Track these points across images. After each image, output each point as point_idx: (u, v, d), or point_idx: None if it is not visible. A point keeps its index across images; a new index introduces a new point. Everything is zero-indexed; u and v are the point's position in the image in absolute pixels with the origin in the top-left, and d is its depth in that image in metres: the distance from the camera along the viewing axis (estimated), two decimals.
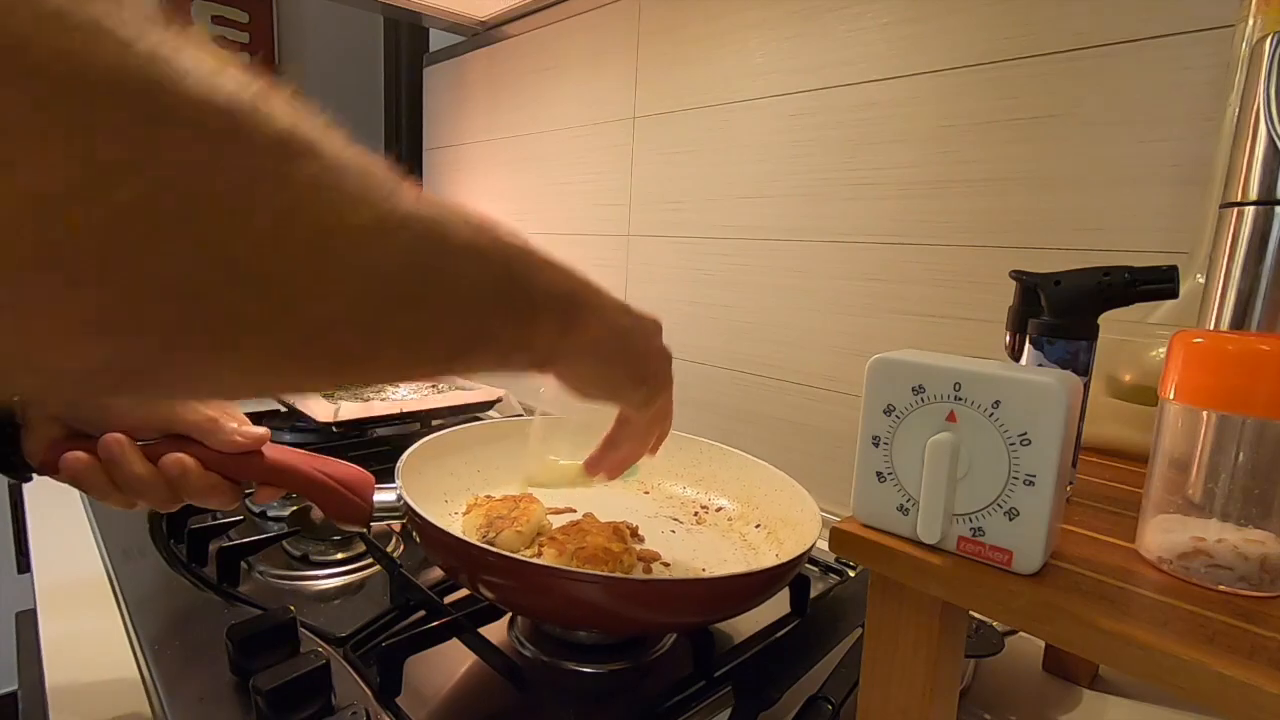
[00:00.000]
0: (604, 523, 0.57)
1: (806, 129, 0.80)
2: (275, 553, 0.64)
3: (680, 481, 0.71)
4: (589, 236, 1.10)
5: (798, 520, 0.57)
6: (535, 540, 0.55)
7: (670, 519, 0.66)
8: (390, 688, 0.44)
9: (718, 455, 0.69)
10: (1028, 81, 0.63)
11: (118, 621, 0.54)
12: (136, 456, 0.39)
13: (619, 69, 1.02)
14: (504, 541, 0.54)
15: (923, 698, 0.32)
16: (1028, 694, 0.51)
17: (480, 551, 0.45)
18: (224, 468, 0.42)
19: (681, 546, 0.60)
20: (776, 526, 0.61)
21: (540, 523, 0.58)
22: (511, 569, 0.44)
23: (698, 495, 0.69)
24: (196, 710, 0.43)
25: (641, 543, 0.60)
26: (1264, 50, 0.33)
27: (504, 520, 0.55)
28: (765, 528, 0.62)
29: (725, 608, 0.49)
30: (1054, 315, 0.38)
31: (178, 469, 0.40)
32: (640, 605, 0.45)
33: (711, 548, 0.61)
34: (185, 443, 0.41)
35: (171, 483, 0.40)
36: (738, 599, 0.48)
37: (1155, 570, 0.30)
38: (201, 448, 0.41)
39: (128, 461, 0.39)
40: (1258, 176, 0.34)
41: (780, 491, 0.62)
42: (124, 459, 0.39)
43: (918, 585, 0.31)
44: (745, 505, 0.66)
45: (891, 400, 0.32)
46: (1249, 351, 0.28)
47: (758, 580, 0.47)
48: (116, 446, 0.39)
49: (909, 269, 0.72)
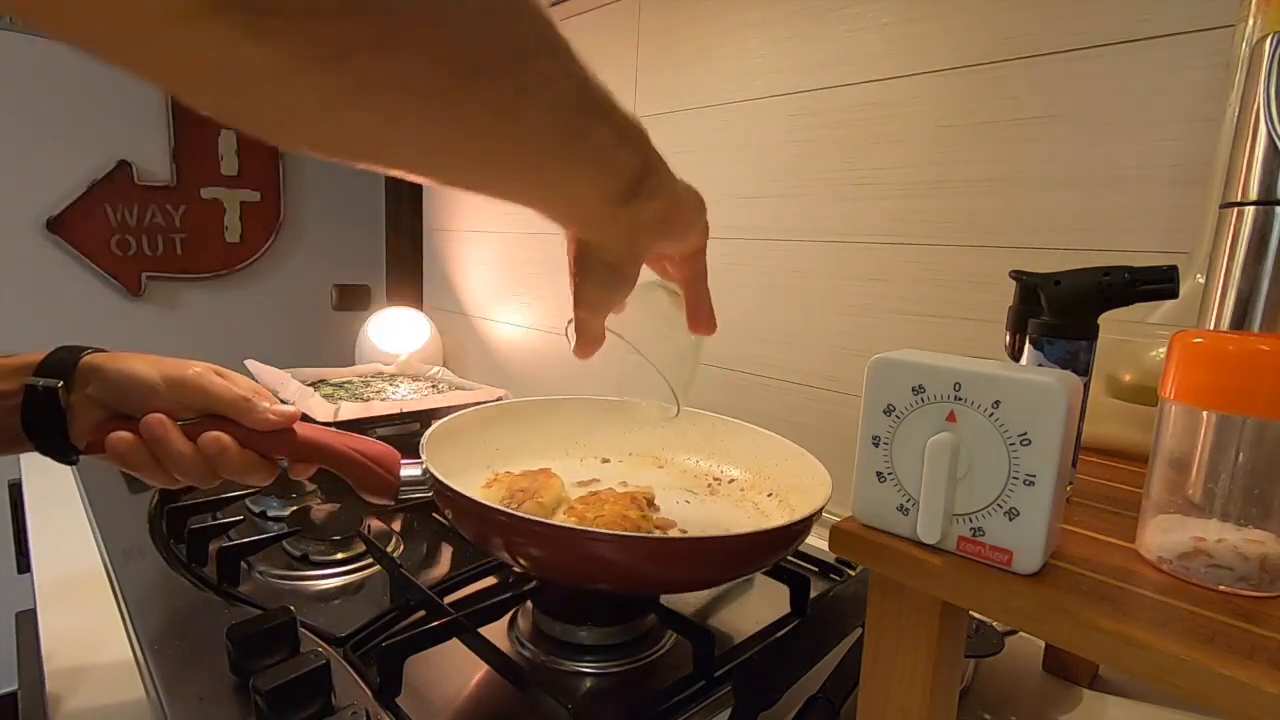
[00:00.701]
0: (621, 493, 0.58)
1: (806, 129, 0.80)
2: (275, 553, 0.64)
3: (694, 455, 0.72)
4: None
5: (808, 487, 0.58)
6: (556, 512, 0.56)
7: (685, 490, 0.67)
8: (390, 688, 0.44)
9: (729, 428, 0.70)
10: (1027, 81, 0.63)
11: (118, 622, 0.54)
12: (178, 435, 0.41)
13: (619, 69, 1.02)
14: (526, 511, 0.54)
15: (923, 698, 0.32)
16: (1028, 694, 0.51)
17: (506, 516, 0.45)
18: (259, 445, 0.44)
19: (696, 515, 0.61)
20: (788, 494, 0.62)
21: (560, 495, 0.58)
22: (537, 531, 0.45)
23: (710, 467, 0.70)
24: (196, 710, 0.43)
25: (658, 512, 0.60)
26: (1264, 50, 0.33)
27: (524, 493, 0.56)
28: (777, 495, 0.63)
29: (739, 565, 0.50)
30: (1054, 315, 0.38)
31: (216, 446, 0.42)
32: (659, 563, 0.46)
33: (726, 515, 0.62)
34: (222, 422, 0.43)
35: (211, 460, 0.42)
36: (749, 557, 0.49)
37: (1155, 570, 0.30)
38: (237, 426, 0.43)
39: (170, 440, 0.41)
40: (1258, 176, 0.34)
41: (791, 460, 0.63)
42: (166, 438, 0.41)
43: (918, 585, 0.31)
44: (757, 475, 0.67)
45: (891, 400, 0.32)
46: (1249, 351, 0.28)
47: (765, 539, 0.47)
48: (159, 426, 0.41)
49: (909, 269, 0.72)
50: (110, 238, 1.38)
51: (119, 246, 1.39)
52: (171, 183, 1.44)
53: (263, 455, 0.44)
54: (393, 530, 0.71)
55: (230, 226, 1.52)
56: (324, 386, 1.09)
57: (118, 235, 1.39)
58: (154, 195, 1.42)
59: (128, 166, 1.38)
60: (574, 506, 0.56)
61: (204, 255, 1.50)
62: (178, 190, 1.45)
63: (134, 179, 1.39)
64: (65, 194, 1.33)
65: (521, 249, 1.26)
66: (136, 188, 1.40)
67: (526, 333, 1.27)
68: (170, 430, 0.41)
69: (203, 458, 0.42)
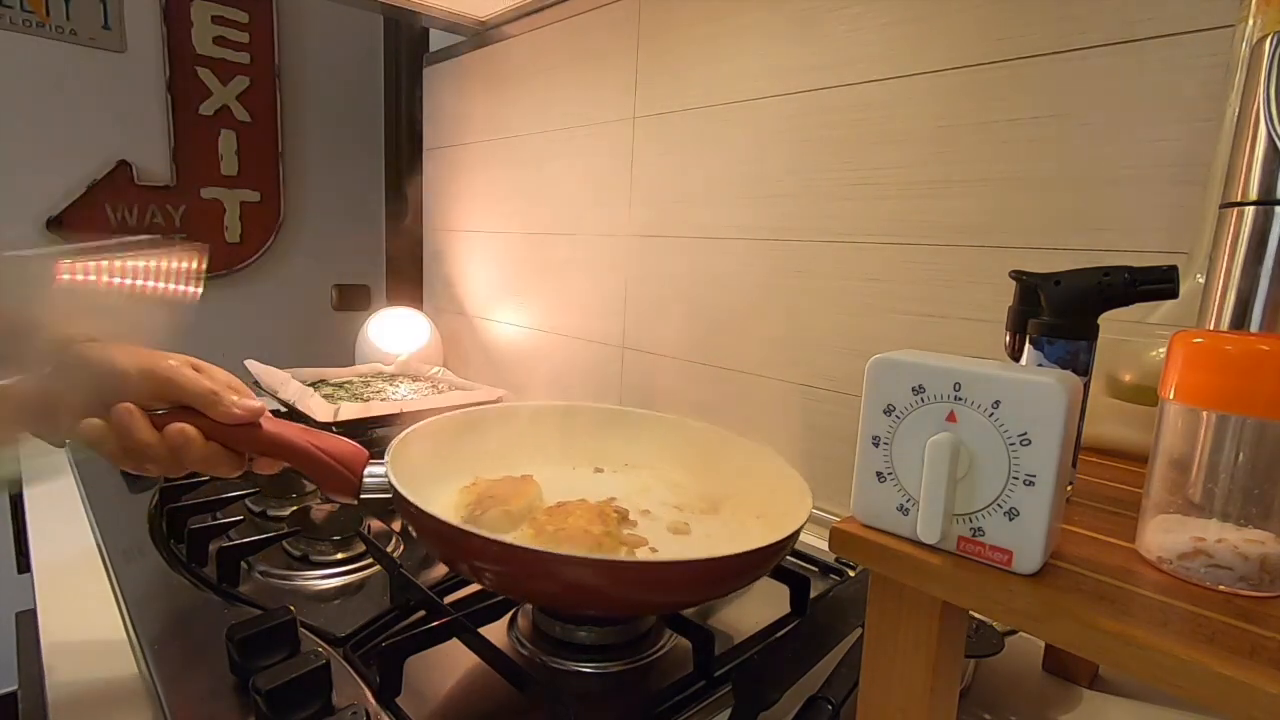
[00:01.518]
0: (592, 505, 0.57)
1: (806, 129, 0.80)
2: (275, 553, 0.64)
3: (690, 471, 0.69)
4: (589, 236, 1.10)
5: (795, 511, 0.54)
6: (521, 523, 0.55)
7: (676, 507, 0.64)
8: (390, 688, 0.44)
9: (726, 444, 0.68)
10: (1027, 81, 0.63)
11: (118, 621, 0.54)
12: (144, 424, 0.43)
13: (619, 69, 1.02)
14: (489, 520, 0.54)
15: (923, 698, 0.32)
16: (1028, 694, 0.51)
17: (446, 527, 0.45)
18: (223, 438, 0.46)
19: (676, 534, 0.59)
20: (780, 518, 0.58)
21: (533, 504, 0.58)
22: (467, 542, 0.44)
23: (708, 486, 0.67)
24: (196, 710, 0.43)
25: (633, 528, 0.59)
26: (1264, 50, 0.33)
27: (493, 500, 0.56)
28: (766, 519, 0.60)
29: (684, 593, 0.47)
30: (1054, 315, 0.38)
31: (180, 438, 0.44)
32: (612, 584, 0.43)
33: (708, 535, 0.59)
34: (190, 414, 0.45)
35: (175, 450, 0.44)
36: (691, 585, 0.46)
37: (1155, 570, 0.30)
38: (203, 418, 0.45)
39: (136, 429, 0.43)
40: (1258, 176, 0.34)
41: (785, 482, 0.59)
42: (132, 426, 0.43)
43: (918, 585, 0.31)
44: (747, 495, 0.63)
45: (891, 400, 0.32)
46: (1249, 351, 0.28)
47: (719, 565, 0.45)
48: (127, 415, 0.43)
49: (909, 269, 0.72)
50: (110, 238, 1.38)
51: None
52: (171, 183, 1.44)
53: (227, 448, 0.46)
54: (393, 530, 0.71)
55: (230, 226, 1.52)
56: (324, 386, 1.09)
57: (118, 235, 1.39)
58: (154, 195, 1.42)
59: (128, 166, 1.38)
60: (537, 518, 0.54)
61: None
62: (178, 190, 1.45)
63: (134, 179, 1.39)
64: (65, 194, 1.33)
65: (521, 249, 1.26)
66: (136, 188, 1.40)
67: (526, 333, 1.27)
68: (137, 419, 0.43)
69: (167, 448, 0.44)
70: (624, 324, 1.05)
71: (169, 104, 1.41)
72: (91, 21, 1.32)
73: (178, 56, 1.41)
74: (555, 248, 1.18)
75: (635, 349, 1.04)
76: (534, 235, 1.23)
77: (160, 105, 1.41)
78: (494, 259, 1.35)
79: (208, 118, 1.47)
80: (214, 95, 1.46)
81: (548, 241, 1.19)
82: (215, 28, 1.45)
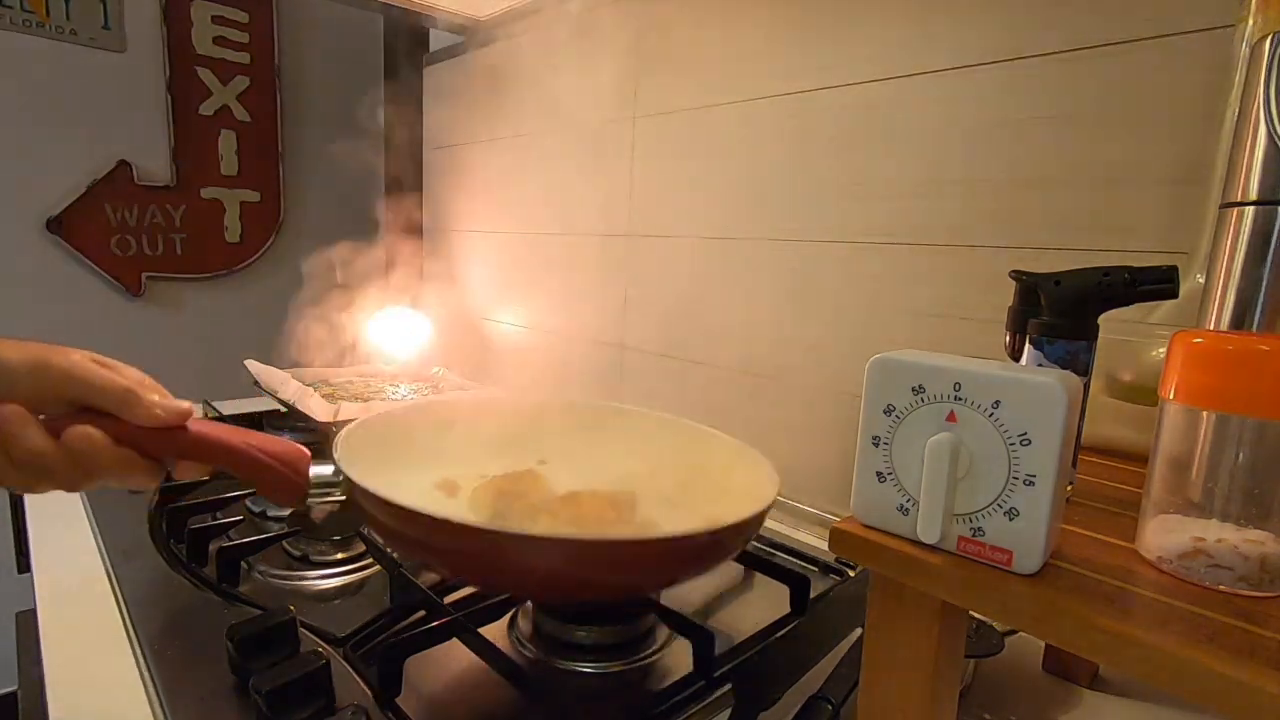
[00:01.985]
0: (604, 493, 0.57)
1: (806, 129, 0.80)
2: (275, 553, 0.64)
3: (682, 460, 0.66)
4: (589, 236, 1.10)
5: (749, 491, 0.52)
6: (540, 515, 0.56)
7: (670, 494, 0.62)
8: (390, 688, 0.44)
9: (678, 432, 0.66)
10: (1027, 82, 0.63)
11: (118, 621, 0.54)
12: (36, 430, 0.35)
13: (619, 69, 1.02)
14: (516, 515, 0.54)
15: (923, 698, 0.32)
16: (1028, 694, 0.51)
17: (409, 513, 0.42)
18: (140, 443, 0.38)
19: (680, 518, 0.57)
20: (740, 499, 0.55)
21: (546, 496, 0.58)
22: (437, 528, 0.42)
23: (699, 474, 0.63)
24: (196, 710, 0.43)
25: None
26: (1264, 50, 0.33)
27: (514, 495, 0.56)
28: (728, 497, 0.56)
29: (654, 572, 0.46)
30: (1054, 315, 0.38)
31: (84, 444, 0.36)
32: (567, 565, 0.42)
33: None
34: (97, 417, 0.37)
35: (77, 459, 0.36)
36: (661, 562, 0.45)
37: (1155, 570, 0.30)
38: (115, 421, 0.37)
39: (25, 435, 0.35)
40: (1258, 176, 0.34)
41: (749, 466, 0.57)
42: (21, 432, 0.35)
43: (918, 585, 0.31)
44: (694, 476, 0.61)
45: (891, 400, 0.32)
46: (1249, 351, 0.28)
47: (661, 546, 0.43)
48: (14, 417, 0.35)
49: (909, 269, 0.72)
50: (110, 238, 1.38)
51: (119, 246, 1.39)
52: (171, 183, 1.44)
53: (145, 454, 0.39)
54: None
55: (230, 226, 1.52)
56: (324, 386, 1.09)
57: (118, 235, 1.39)
58: (154, 195, 1.42)
59: (128, 166, 1.38)
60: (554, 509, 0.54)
61: (204, 255, 1.50)
62: (178, 190, 1.45)
63: (134, 179, 1.39)
64: (65, 194, 1.33)
65: (521, 249, 1.26)
66: (136, 188, 1.40)
67: (526, 333, 1.27)
68: (26, 424, 0.35)
69: (67, 456, 0.36)
70: (624, 324, 1.05)
71: (169, 104, 1.41)
72: (91, 21, 1.32)
73: (178, 56, 1.41)
74: (555, 247, 1.18)
75: (636, 349, 1.04)
76: (534, 235, 1.23)
77: (160, 105, 1.41)
78: (494, 259, 1.35)
79: (208, 118, 1.47)
80: (214, 95, 1.46)
81: (548, 241, 1.19)
82: (215, 28, 1.45)
